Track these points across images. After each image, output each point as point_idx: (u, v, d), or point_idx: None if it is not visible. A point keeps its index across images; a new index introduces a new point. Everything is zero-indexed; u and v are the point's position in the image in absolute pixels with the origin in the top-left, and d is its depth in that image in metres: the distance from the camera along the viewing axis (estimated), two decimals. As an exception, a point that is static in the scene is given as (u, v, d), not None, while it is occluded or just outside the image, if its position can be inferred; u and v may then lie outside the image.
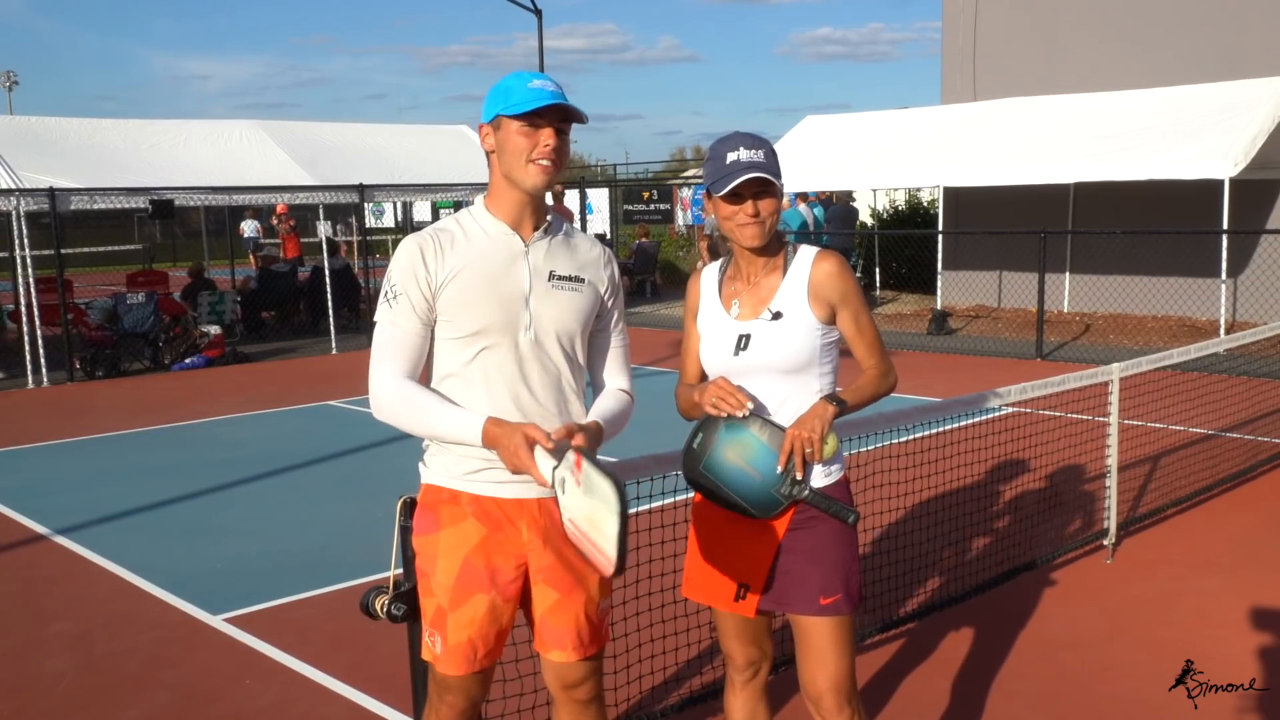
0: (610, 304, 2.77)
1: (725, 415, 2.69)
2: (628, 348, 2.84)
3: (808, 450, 2.64)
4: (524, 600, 2.69)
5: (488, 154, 2.63)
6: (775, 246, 2.81)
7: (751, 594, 2.81)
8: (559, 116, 2.53)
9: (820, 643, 2.75)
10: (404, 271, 2.57)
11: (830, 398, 2.71)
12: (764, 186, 2.68)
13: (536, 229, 2.64)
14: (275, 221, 22.03)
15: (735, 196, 2.69)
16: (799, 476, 2.67)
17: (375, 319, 2.61)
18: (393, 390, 2.54)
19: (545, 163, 2.53)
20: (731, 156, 2.68)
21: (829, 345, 2.79)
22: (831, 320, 2.77)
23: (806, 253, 2.80)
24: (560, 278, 2.64)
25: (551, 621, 2.67)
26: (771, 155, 2.70)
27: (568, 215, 16.54)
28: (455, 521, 2.62)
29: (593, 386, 2.81)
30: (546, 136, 2.52)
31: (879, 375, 2.82)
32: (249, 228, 26.76)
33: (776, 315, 2.74)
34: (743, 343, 2.76)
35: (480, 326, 2.56)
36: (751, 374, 2.76)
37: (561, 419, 2.63)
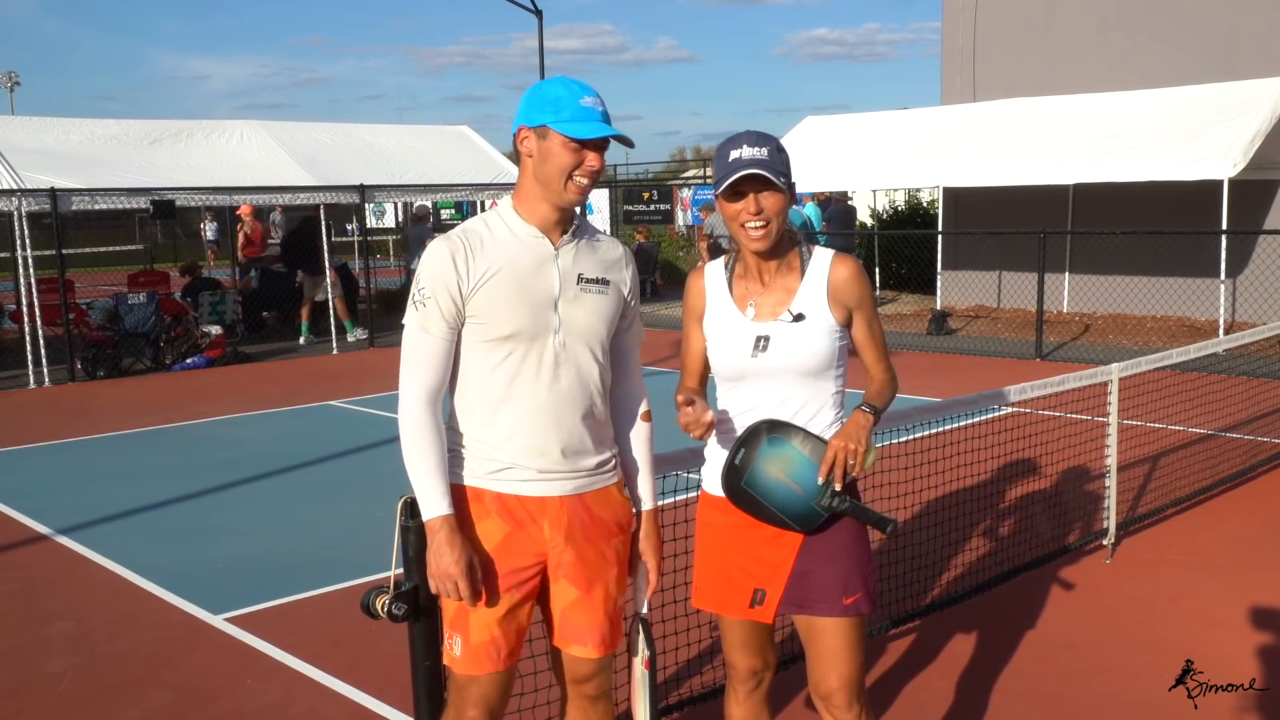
0: (631, 303, 2.80)
1: (766, 430, 2.70)
2: (639, 347, 2.87)
3: (850, 461, 2.63)
4: (540, 596, 2.71)
5: (522, 156, 2.64)
6: (786, 246, 2.78)
7: (769, 599, 2.79)
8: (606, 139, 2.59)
9: (835, 643, 2.74)
10: (433, 276, 2.57)
11: (868, 406, 2.70)
12: (767, 184, 2.64)
13: (565, 232, 2.66)
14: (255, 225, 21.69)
15: (737, 194, 2.66)
16: (838, 488, 2.66)
17: (404, 322, 2.62)
18: (414, 418, 2.56)
19: (585, 182, 2.58)
20: (734, 154, 2.65)
21: (843, 348, 2.78)
22: (847, 323, 2.76)
23: (823, 254, 2.78)
24: (588, 280, 2.66)
25: (573, 618, 2.68)
26: (777, 154, 2.66)
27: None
28: (478, 520, 2.63)
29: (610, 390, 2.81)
30: (592, 160, 2.57)
31: (889, 380, 2.81)
32: (210, 229, 27.03)
33: (799, 317, 2.72)
34: (761, 344, 2.73)
35: (513, 330, 2.58)
36: (768, 376, 2.74)
37: (587, 421, 2.66)
